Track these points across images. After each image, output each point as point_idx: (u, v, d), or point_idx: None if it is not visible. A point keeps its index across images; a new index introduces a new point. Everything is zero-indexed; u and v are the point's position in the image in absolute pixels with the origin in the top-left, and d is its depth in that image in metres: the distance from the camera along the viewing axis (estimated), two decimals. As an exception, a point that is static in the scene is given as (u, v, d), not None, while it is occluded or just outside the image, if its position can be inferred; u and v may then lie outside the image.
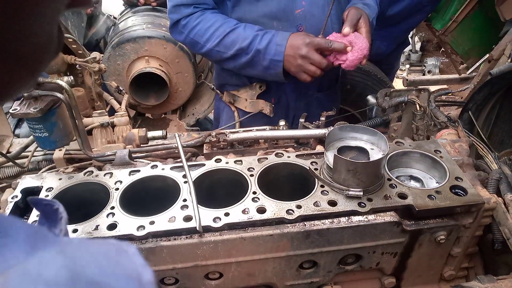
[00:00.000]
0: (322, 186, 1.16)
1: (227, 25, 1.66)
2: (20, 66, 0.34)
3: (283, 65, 1.62)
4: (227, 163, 1.27)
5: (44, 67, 0.38)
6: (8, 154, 1.58)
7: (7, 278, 0.29)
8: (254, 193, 1.15)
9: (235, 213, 1.08)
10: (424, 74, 5.15)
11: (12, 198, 1.19)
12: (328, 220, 1.08)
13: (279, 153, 1.31)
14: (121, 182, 1.20)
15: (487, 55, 2.26)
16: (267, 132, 1.58)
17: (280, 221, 1.07)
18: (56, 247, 0.33)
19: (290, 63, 1.61)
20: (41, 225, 0.47)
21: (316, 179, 1.18)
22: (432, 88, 1.86)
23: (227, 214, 1.08)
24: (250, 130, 1.60)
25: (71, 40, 1.62)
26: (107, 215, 1.09)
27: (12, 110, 1.29)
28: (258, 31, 1.64)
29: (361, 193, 1.10)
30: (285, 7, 1.64)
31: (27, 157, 1.61)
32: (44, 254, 0.32)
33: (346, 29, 1.57)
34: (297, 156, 1.29)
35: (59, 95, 1.31)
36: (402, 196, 1.13)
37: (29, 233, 0.34)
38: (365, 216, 1.10)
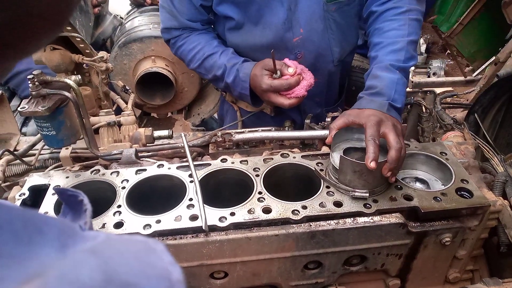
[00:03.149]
0: (327, 187, 1.17)
1: (207, 49, 1.68)
2: (43, 19, 0.34)
3: (254, 95, 1.62)
4: (233, 163, 1.27)
5: (70, 16, 0.38)
6: (15, 152, 1.59)
7: (46, 281, 0.29)
8: (260, 193, 1.15)
9: (241, 213, 1.08)
10: (429, 76, 5.13)
11: (20, 195, 1.20)
12: (334, 221, 1.09)
13: (285, 153, 1.31)
14: (127, 180, 1.21)
15: (493, 57, 2.26)
16: (272, 132, 1.58)
17: (285, 222, 1.08)
18: (86, 245, 0.34)
19: (259, 96, 1.61)
20: (64, 216, 0.47)
21: (322, 180, 1.18)
22: (437, 90, 1.86)
23: (232, 214, 1.08)
24: (256, 131, 1.60)
25: (79, 39, 1.63)
26: (114, 214, 1.10)
27: (21, 108, 1.30)
28: (229, 60, 1.63)
29: (367, 194, 1.10)
30: (282, 36, 1.62)
31: (33, 155, 1.62)
32: (77, 255, 0.33)
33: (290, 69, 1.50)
34: (302, 156, 1.30)
35: (67, 94, 1.31)
36: (408, 197, 1.13)
37: (60, 230, 0.34)
38: (370, 217, 1.10)
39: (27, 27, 0.33)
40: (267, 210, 1.09)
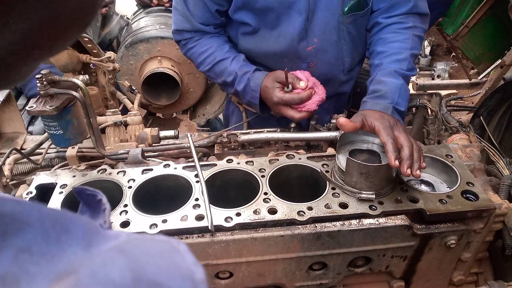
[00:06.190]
0: (333, 189, 1.17)
1: (218, 53, 1.67)
2: (69, 21, 0.35)
3: (262, 103, 1.63)
4: (238, 163, 1.28)
5: (94, 17, 0.39)
6: (23, 151, 1.60)
7: (79, 279, 0.30)
8: (265, 194, 1.15)
9: (247, 213, 1.09)
10: (433, 79, 5.12)
11: (27, 194, 1.21)
12: (339, 222, 1.09)
13: (290, 154, 1.31)
14: (134, 180, 1.22)
15: (499, 60, 2.25)
16: (278, 133, 1.58)
17: (291, 222, 1.08)
18: (109, 244, 0.34)
19: (269, 107, 1.61)
20: (81, 214, 0.48)
21: (327, 182, 1.19)
22: (442, 92, 1.86)
23: (238, 214, 1.09)
24: (261, 132, 1.61)
25: (86, 39, 1.64)
26: (120, 213, 1.10)
27: (29, 107, 1.31)
28: (240, 68, 1.63)
29: (374, 196, 1.10)
30: (297, 45, 1.62)
31: (39, 154, 1.63)
32: (106, 254, 0.33)
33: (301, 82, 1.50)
34: (308, 158, 1.30)
35: (74, 93, 1.32)
36: (413, 200, 1.14)
37: (86, 228, 0.35)
38: (376, 219, 1.10)
39: (55, 29, 0.33)
40: (272, 211, 1.10)
